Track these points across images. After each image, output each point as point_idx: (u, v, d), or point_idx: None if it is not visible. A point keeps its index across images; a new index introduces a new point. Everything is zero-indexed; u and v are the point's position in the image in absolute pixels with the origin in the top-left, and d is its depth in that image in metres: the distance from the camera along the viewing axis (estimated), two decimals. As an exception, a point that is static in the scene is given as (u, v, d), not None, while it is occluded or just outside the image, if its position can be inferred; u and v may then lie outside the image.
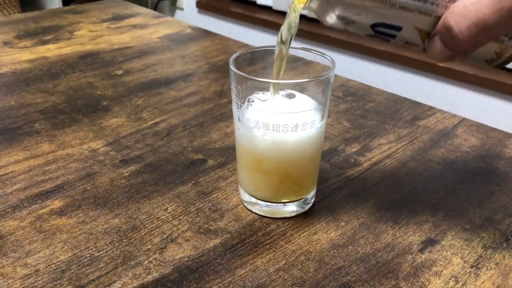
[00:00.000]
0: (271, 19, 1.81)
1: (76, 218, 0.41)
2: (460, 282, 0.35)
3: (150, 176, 0.47)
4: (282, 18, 1.70)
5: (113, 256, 0.37)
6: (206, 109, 0.60)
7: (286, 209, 0.42)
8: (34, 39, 0.84)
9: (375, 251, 0.38)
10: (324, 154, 0.51)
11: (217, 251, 0.38)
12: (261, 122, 0.37)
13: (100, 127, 0.56)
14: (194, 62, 0.76)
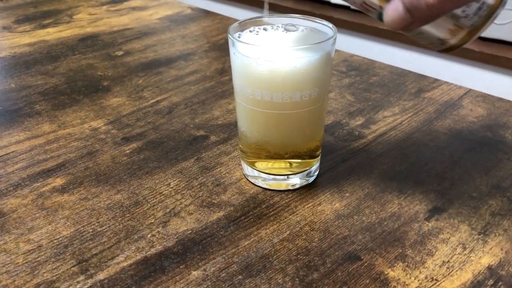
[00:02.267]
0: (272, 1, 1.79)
1: (78, 195, 0.41)
2: (468, 248, 0.35)
3: (152, 153, 0.46)
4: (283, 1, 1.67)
5: (115, 231, 0.37)
6: (208, 87, 0.60)
7: (289, 182, 0.41)
8: (33, 23, 0.83)
9: (380, 220, 0.38)
10: (327, 127, 0.50)
11: (220, 224, 0.37)
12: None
13: (101, 106, 0.55)
14: (194, 42, 0.75)
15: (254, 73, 0.36)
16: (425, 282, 0.32)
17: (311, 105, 0.38)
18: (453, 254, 0.34)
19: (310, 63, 0.36)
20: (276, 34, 0.40)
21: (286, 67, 0.35)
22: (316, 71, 0.36)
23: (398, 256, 0.34)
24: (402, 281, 0.32)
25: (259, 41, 0.39)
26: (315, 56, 0.36)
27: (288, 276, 0.33)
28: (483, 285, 0.32)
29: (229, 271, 0.33)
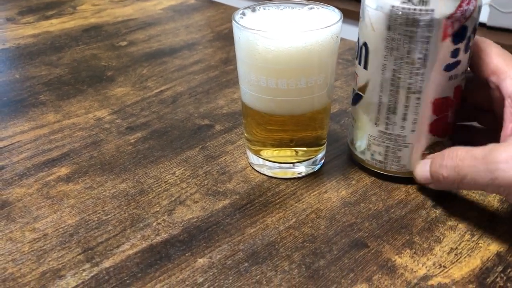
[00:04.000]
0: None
1: (83, 184, 0.41)
2: (476, 235, 0.34)
3: (157, 142, 0.46)
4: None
5: (121, 219, 0.37)
6: (212, 76, 0.59)
7: (295, 170, 0.41)
8: (36, 14, 0.83)
9: (387, 207, 0.37)
10: (333, 116, 0.50)
11: (226, 212, 0.37)
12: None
13: (105, 96, 0.55)
14: (198, 32, 0.74)
15: (259, 58, 0.36)
16: (433, 269, 0.32)
17: (317, 91, 0.37)
18: (461, 241, 0.34)
19: (316, 46, 0.35)
20: (281, 14, 0.39)
21: (291, 50, 0.35)
22: (322, 55, 0.36)
23: (406, 243, 0.34)
24: (409, 268, 0.32)
25: (264, 21, 0.38)
26: (321, 39, 0.35)
27: (295, 263, 0.32)
28: (492, 271, 0.32)
29: (235, 259, 0.33)
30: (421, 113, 0.36)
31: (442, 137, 0.38)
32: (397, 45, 0.34)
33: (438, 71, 0.34)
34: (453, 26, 0.33)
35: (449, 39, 0.33)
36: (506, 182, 0.29)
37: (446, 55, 0.34)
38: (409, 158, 0.38)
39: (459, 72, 0.35)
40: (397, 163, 0.39)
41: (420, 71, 0.34)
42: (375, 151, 0.39)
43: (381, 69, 0.36)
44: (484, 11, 1.27)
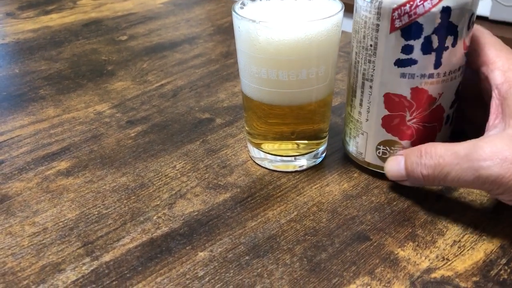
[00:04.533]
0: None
1: (83, 178, 0.40)
2: (480, 227, 0.34)
3: (157, 136, 0.46)
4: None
5: (121, 213, 0.36)
6: (213, 70, 0.59)
7: (296, 163, 0.41)
8: (36, 9, 0.83)
9: (390, 200, 0.37)
10: (335, 109, 0.49)
11: (227, 205, 0.37)
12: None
13: (105, 90, 0.55)
14: (199, 25, 0.74)
15: (259, 49, 0.35)
16: (436, 261, 0.31)
17: (318, 83, 0.37)
18: (465, 234, 0.34)
19: (317, 37, 0.35)
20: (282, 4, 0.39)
21: (292, 40, 0.34)
22: (323, 46, 0.35)
23: (408, 236, 0.33)
24: (412, 260, 0.32)
25: (264, 11, 0.38)
26: (322, 29, 0.35)
27: (296, 256, 0.32)
28: (496, 264, 0.31)
29: (236, 252, 0.33)
30: (373, 103, 0.36)
31: (400, 139, 0.37)
32: (358, 28, 0.35)
33: (388, 64, 0.34)
34: (401, 19, 0.32)
35: (398, 33, 0.33)
36: (489, 180, 0.29)
37: (396, 49, 0.33)
38: (365, 148, 0.39)
39: (416, 73, 0.34)
40: (356, 150, 0.39)
41: (372, 58, 0.35)
42: (345, 132, 0.41)
43: (351, 51, 0.37)
44: (486, 4, 1.27)
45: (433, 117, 0.36)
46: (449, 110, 0.36)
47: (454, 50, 0.33)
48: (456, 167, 0.31)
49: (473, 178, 0.30)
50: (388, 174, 0.36)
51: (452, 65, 0.34)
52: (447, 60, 0.33)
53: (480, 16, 1.30)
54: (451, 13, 0.32)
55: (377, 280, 0.30)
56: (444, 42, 0.33)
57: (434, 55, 0.33)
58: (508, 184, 0.29)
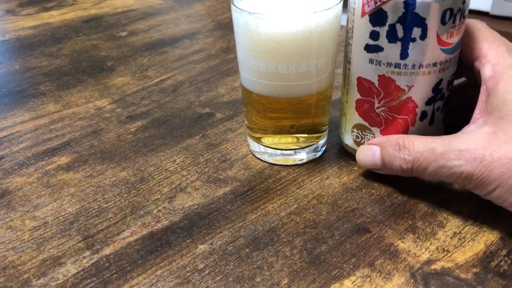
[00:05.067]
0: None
1: (83, 172, 0.41)
2: (480, 219, 0.34)
3: (157, 131, 0.46)
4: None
5: (121, 207, 0.36)
6: (213, 65, 0.59)
7: (296, 157, 0.41)
8: (36, 6, 0.83)
9: (390, 193, 0.37)
10: (335, 103, 0.49)
11: (227, 198, 0.37)
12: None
13: (106, 86, 0.55)
14: (199, 21, 0.74)
15: (258, 41, 0.35)
16: (436, 253, 0.31)
17: (318, 76, 0.37)
18: (465, 225, 0.34)
19: (316, 29, 0.35)
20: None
21: (291, 33, 0.34)
22: (323, 38, 0.35)
23: (408, 228, 0.33)
24: (412, 252, 0.32)
25: (263, 4, 0.38)
26: (321, 21, 0.35)
27: (296, 248, 0.32)
28: (496, 255, 0.31)
29: (236, 245, 0.33)
30: (350, 86, 0.38)
31: (370, 125, 0.37)
32: (346, 12, 0.36)
33: (360, 48, 0.35)
34: (369, 5, 0.33)
35: (367, 18, 0.34)
36: (461, 176, 0.31)
37: (366, 34, 0.34)
38: (345, 129, 0.40)
39: (381, 60, 0.34)
40: (339, 132, 0.41)
41: (350, 41, 0.36)
42: (340, 123, 0.41)
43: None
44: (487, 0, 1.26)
45: (403, 110, 0.36)
46: (424, 106, 0.36)
47: (424, 43, 0.33)
48: (432, 163, 0.32)
49: (447, 174, 0.32)
50: (360, 163, 0.38)
51: (422, 59, 0.34)
52: (415, 52, 0.33)
53: (481, 11, 1.29)
54: (416, 4, 0.32)
55: (377, 272, 0.30)
56: (410, 33, 0.33)
57: (400, 45, 0.33)
58: (477, 181, 0.31)
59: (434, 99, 0.36)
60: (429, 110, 0.36)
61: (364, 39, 0.35)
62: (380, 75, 0.35)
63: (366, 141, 0.38)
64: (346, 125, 0.40)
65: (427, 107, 0.36)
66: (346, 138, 0.40)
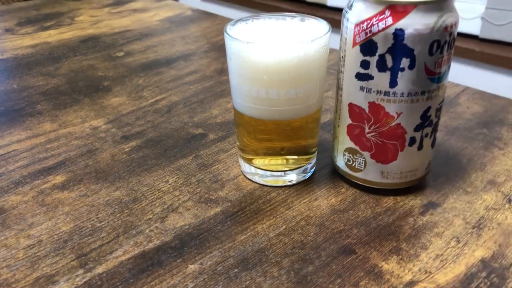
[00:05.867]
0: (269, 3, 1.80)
1: (78, 191, 0.41)
2: (462, 242, 0.35)
3: (151, 151, 0.47)
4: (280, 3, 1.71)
5: (114, 226, 0.37)
6: (207, 86, 0.60)
7: (286, 178, 0.42)
8: (35, 25, 0.84)
9: (375, 215, 0.38)
10: (324, 125, 0.51)
11: (217, 219, 0.38)
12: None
13: (101, 106, 0.56)
14: (194, 42, 0.75)
15: (250, 69, 0.37)
16: (418, 274, 0.32)
17: (307, 101, 0.38)
18: (447, 248, 0.35)
19: (305, 57, 0.36)
20: (272, 25, 0.40)
21: (281, 61, 0.36)
22: (311, 66, 0.37)
23: (393, 250, 0.35)
24: (396, 273, 0.33)
25: (255, 32, 0.39)
26: (310, 50, 0.36)
27: (284, 269, 0.33)
28: (476, 277, 0.32)
29: (226, 265, 0.33)
30: (342, 111, 0.39)
31: (361, 149, 0.39)
32: (339, 41, 0.38)
33: (351, 75, 0.37)
34: (360, 35, 0.35)
35: (358, 48, 0.35)
36: None
37: (357, 62, 0.36)
38: (337, 152, 0.41)
39: (373, 88, 0.36)
40: (332, 154, 0.43)
41: (342, 69, 0.38)
42: (333, 146, 0.43)
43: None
44: (476, 23, 1.29)
45: (393, 135, 0.37)
46: (413, 133, 0.37)
47: (412, 73, 0.35)
48: None
49: None
50: None
51: (411, 88, 0.35)
52: (404, 81, 0.35)
53: (470, 34, 1.32)
54: (405, 36, 0.33)
55: (362, 293, 0.31)
56: (399, 63, 0.34)
57: (389, 74, 0.35)
58: None
59: (422, 126, 0.37)
60: (418, 136, 0.38)
61: (355, 67, 0.36)
62: (370, 102, 0.37)
63: (357, 165, 0.40)
64: (338, 148, 0.41)
65: (416, 133, 0.37)
66: (339, 160, 0.41)
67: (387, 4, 0.33)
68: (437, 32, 0.34)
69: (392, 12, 0.33)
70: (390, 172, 0.39)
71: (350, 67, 0.37)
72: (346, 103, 0.38)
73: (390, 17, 0.33)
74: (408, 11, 0.33)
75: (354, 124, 0.38)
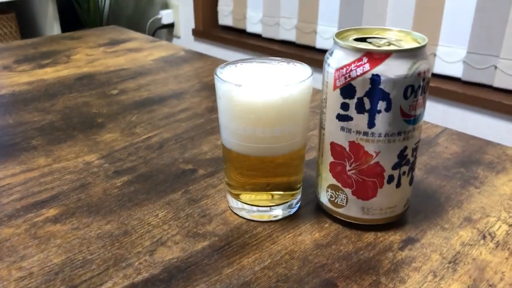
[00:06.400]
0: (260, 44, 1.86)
1: (70, 224, 0.43)
2: (438, 276, 0.37)
3: (142, 186, 0.49)
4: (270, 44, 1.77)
5: (105, 259, 0.39)
6: (198, 124, 0.63)
7: (272, 213, 0.43)
8: (32, 63, 0.87)
9: (357, 249, 0.40)
10: (310, 162, 0.53)
11: (205, 253, 0.39)
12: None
13: (95, 142, 0.58)
14: (187, 82, 0.78)
15: (238, 108, 0.39)
16: (397, 307, 0.34)
17: (291, 139, 0.40)
18: (424, 282, 0.36)
19: (289, 98, 0.39)
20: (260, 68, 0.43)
21: (267, 102, 0.38)
22: (295, 107, 0.39)
23: (372, 283, 0.36)
24: (375, 306, 0.34)
25: (243, 75, 0.42)
26: (294, 92, 0.39)
27: (267, 301, 0.34)
28: (451, 310, 0.34)
29: (212, 297, 0.35)
30: (324, 149, 0.42)
31: (343, 186, 0.41)
32: (321, 83, 0.41)
33: (332, 116, 0.39)
34: (340, 80, 0.38)
35: (338, 91, 0.38)
36: None
37: (337, 104, 0.39)
38: (320, 188, 0.43)
39: (352, 128, 0.38)
40: (316, 190, 0.44)
41: (324, 110, 0.40)
42: (317, 182, 0.44)
43: None
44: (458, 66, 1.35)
45: (372, 173, 0.40)
46: (391, 171, 0.39)
47: (389, 115, 0.37)
48: None
49: None
50: None
51: (388, 129, 0.38)
52: (381, 122, 0.38)
53: (453, 77, 1.38)
54: (381, 81, 0.36)
55: (342, 324, 0.32)
56: (376, 105, 0.37)
57: (367, 115, 0.38)
58: None
59: (400, 164, 0.40)
60: (396, 174, 0.40)
61: (336, 109, 0.39)
62: (350, 141, 0.39)
63: (339, 201, 0.42)
64: (322, 185, 0.43)
65: (394, 171, 0.40)
66: (322, 196, 0.43)
67: (364, 52, 0.36)
68: (411, 78, 0.36)
69: (369, 59, 0.36)
70: (370, 209, 0.41)
71: (331, 109, 0.39)
72: (328, 141, 0.41)
73: (367, 63, 0.36)
74: (384, 58, 0.36)
75: (336, 161, 0.40)
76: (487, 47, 1.26)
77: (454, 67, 1.36)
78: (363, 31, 0.41)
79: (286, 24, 1.76)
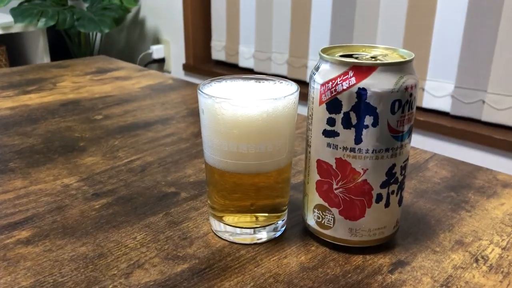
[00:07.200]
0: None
1: (42, 246, 0.40)
2: (430, 300, 0.35)
3: (121, 208, 0.47)
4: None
5: (77, 281, 0.36)
6: (183, 148, 0.61)
7: (256, 236, 0.42)
8: (16, 89, 0.86)
9: (344, 272, 0.38)
10: (296, 185, 0.51)
11: (184, 276, 0.37)
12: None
13: (75, 165, 0.56)
14: (173, 108, 0.77)
15: (220, 123, 0.38)
16: (387, 332, 0.32)
17: (276, 156, 0.39)
18: (416, 306, 0.34)
19: (273, 113, 0.38)
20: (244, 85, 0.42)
21: (250, 116, 0.37)
22: (279, 122, 0.38)
23: (361, 307, 0.34)
24: (364, 331, 0.32)
25: (227, 90, 0.41)
26: (278, 107, 0.38)
27: (249, 325, 0.32)
28: (445, 335, 0.32)
29: (189, 321, 0.32)
30: (311, 167, 0.40)
31: (330, 205, 0.39)
32: (307, 100, 0.39)
33: (318, 132, 0.38)
34: (325, 94, 0.37)
35: (324, 106, 0.37)
36: None
37: (323, 120, 0.38)
38: (306, 209, 0.42)
39: (338, 144, 0.37)
40: (303, 212, 0.43)
41: (310, 127, 0.39)
42: (303, 204, 0.43)
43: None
44: (447, 100, 1.36)
45: (360, 192, 0.38)
46: (380, 189, 0.38)
47: (376, 130, 0.36)
48: None
49: None
50: None
51: (375, 144, 0.37)
52: (368, 138, 0.36)
53: (441, 111, 1.38)
54: (368, 95, 0.35)
55: None
56: (363, 120, 0.36)
57: (354, 131, 0.37)
58: None
59: (388, 183, 0.38)
60: (384, 193, 0.38)
61: (322, 125, 0.38)
62: (337, 158, 0.38)
63: (326, 222, 0.40)
64: (308, 206, 0.41)
65: (382, 190, 0.38)
66: (309, 218, 0.42)
67: (350, 65, 0.36)
68: (398, 92, 0.36)
69: (356, 73, 0.35)
70: (358, 230, 0.39)
71: (317, 125, 0.38)
72: (315, 159, 0.39)
73: (353, 77, 0.35)
74: (370, 72, 0.35)
75: (323, 180, 0.39)
76: (474, 82, 1.28)
77: (442, 102, 1.37)
78: (350, 48, 0.41)
79: (278, 59, 1.78)
